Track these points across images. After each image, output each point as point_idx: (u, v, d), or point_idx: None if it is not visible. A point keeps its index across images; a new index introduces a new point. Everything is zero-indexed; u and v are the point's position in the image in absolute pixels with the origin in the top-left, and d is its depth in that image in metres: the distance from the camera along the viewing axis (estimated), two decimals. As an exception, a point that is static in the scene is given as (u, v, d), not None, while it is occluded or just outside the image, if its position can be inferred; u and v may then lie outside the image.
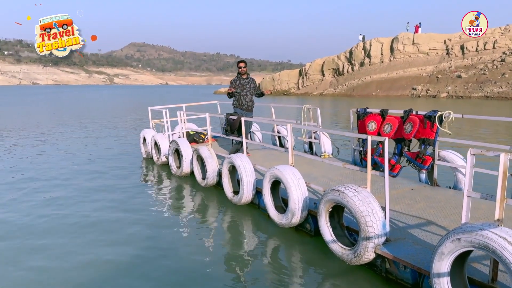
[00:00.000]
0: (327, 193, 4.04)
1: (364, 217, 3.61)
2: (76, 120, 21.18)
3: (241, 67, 7.49)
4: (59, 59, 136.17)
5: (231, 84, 7.45)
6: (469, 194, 3.10)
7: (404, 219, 4.28)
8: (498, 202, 2.88)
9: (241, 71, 7.47)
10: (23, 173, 8.41)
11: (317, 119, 7.31)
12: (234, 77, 7.56)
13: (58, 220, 5.59)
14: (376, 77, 49.10)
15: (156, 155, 8.89)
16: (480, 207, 4.43)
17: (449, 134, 5.14)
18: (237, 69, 7.57)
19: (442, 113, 5.17)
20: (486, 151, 3.03)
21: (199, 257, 4.44)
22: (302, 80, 56.64)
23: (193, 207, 6.38)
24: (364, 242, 3.63)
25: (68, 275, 4.00)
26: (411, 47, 47.01)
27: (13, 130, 16.24)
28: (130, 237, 4.99)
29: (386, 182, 3.71)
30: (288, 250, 4.71)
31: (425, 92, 42.50)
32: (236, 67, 7.62)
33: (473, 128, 15.65)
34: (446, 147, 5.85)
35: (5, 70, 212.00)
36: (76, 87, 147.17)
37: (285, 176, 4.69)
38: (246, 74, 7.51)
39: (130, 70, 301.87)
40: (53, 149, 11.51)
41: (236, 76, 7.56)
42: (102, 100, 47.45)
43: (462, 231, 2.82)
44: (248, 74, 7.56)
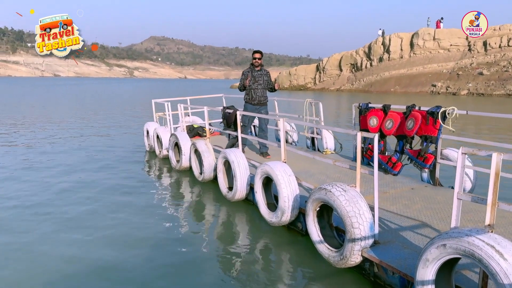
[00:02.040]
0: (314, 192, 3.84)
1: (350, 218, 3.41)
2: (92, 112, 21.36)
3: (256, 58, 6.82)
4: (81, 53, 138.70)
5: (242, 76, 6.92)
6: (459, 197, 2.87)
7: (397, 220, 4.05)
8: (489, 206, 2.65)
9: (255, 63, 6.82)
10: (31, 160, 8.45)
11: (319, 113, 7.08)
12: (246, 68, 7.00)
13: (47, 209, 5.55)
14: (395, 73, 48.17)
15: (158, 148, 8.81)
16: (482, 210, 4.16)
17: (452, 131, 4.87)
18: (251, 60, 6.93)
19: (446, 109, 4.90)
20: (478, 150, 2.78)
21: (186, 254, 4.32)
22: (319, 75, 56.00)
23: (187, 202, 6.25)
24: (350, 244, 3.43)
25: (57, 265, 3.93)
26: (432, 42, 45.87)
27: (31, 120, 16.45)
28: (117, 230, 4.89)
29: (375, 181, 3.49)
30: (277, 249, 4.54)
31: (445, 89, 41.49)
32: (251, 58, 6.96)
33: (492, 127, 15.11)
34: (449, 145, 5.55)
35: (28, 62, 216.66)
36: (97, 80, 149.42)
37: (275, 172, 4.51)
38: (260, 66, 6.89)
39: (149, 63, 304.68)
40: (67, 139, 11.58)
41: (248, 67, 6.95)
42: (121, 93, 47.92)
43: (447, 236, 2.59)
44: (262, 66, 6.95)
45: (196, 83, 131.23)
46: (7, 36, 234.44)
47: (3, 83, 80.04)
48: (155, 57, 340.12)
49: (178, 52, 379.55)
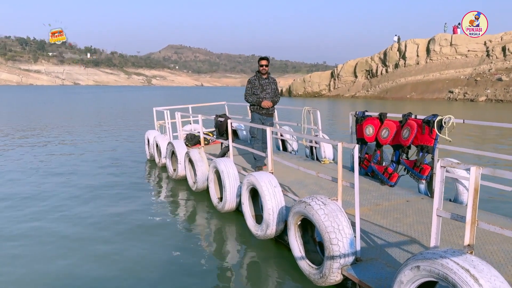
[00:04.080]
0: (295, 205, 3.66)
1: (329, 234, 3.21)
2: (105, 119, 21.56)
3: (263, 65, 6.32)
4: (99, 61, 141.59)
5: (249, 84, 6.41)
6: (438, 213, 2.66)
7: (385, 235, 3.83)
8: (468, 225, 2.44)
9: (262, 70, 6.33)
10: (37, 165, 8.47)
11: (317, 122, 6.89)
12: (252, 76, 6.51)
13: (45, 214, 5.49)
14: (411, 79, 47.45)
15: (157, 157, 8.73)
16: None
17: (449, 141, 4.63)
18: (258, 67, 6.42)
19: (442, 118, 4.66)
20: (456, 164, 2.58)
21: (167, 265, 4.18)
22: (333, 81, 55.59)
23: (178, 212, 6.12)
24: (328, 262, 3.23)
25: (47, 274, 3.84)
26: (449, 48, 45.05)
27: (53, 126, 16.68)
28: (103, 239, 4.79)
29: (356, 195, 3.30)
30: (263, 263, 4.35)
31: (462, 96, 40.62)
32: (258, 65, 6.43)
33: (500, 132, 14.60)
34: (448, 155, 5.29)
35: (49, 70, 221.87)
36: (115, 88, 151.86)
37: (260, 183, 4.34)
38: (267, 74, 6.43)
39: (167, 71, 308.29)
40: (79, 145, 11.66)
41: (255, 75, 6.47)
42: (140, 100, 48.45)
43: (422, 258, 2.39)
44: (269, 74, 6.50)
45: (212, 90, 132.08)
46: (29, 46, 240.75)
47: (24, 92, 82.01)
48: (173, 65, 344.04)
49: (195, 60, 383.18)
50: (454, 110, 30.90)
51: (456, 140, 12.91)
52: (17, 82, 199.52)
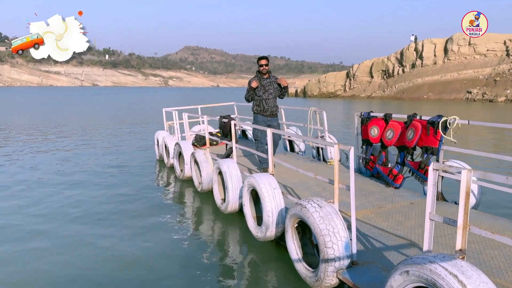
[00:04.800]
0: (292, 207, 3.63)
1: (324, 237, 3.17)
2: (120, 119, 21.86)
3: (262, 65, 6.14)
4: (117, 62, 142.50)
5: (249, 86, 6.26)
6: (431, 217, 2.60)
7: (384, 238, 3.76)
8: (460, 229, 2.38)
9: (262, 70, 6.16)
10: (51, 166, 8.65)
11: (323, 122, 6.83)
12: (253, 77, 6.35)
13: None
14: (428, 79, 46.82)
15: (166, 157, 8.79)
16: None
17: (454, 142, 4.53)
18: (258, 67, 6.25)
19: (447, 119, 4.57)
20: (449, 167, 2.52)
21: (166, 265, 4.20)
22: (349, 82, 55.21)
23: (182, 213, 6.13)
24: (323, 265, 3.19)
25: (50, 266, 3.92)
26: (467, 48, 44.28)
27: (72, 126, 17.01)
28: (104, 238, 4.84)
29: (351, 197, 3.25)
30: (262, 265, 4.32)
31: (481, 96, 39.83)
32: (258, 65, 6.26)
33: None
34: (453, 156, 5.18)
35: (69, 72, 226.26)
36: (133, 89, 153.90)
37: (259, 185, 4.32)
38: (268, 74, 6.25)
39: (183, 72, 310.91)
40: (95, 144, 11.86)
41: (255, 75, 6.30)
42: (157, 101, 48.96)
43: (411, 262, 2.33)
44: (270, 73, 6.29)
45: (227, 91, 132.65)
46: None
47: (45, 92, 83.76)
48: (189, 66, 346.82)
49: (211, 61, 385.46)
50: (473, 110, 30.30)
51: (472, 142, 12.69)
52: (38, 83, 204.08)
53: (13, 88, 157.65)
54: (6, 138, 14.10)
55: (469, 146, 12.16)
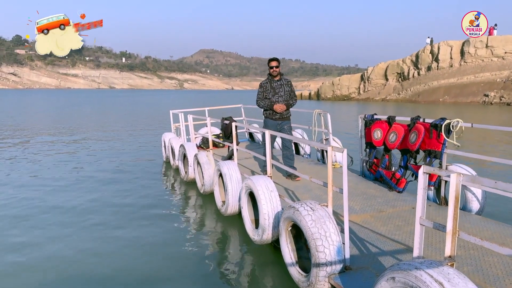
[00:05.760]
0: (285, 210, 3.58)
1: (315, 241, 3.11)
2: (132, 121, 22.07)
3: (272, 66, 5.95)
4: (133, 65, 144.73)
5: (260, 88, 6.08)
6: (421, 222, 2.51)
7: (380, 243, 3.67)
8: (449, 235, 2.29)
9: (272, 72, 5.96)
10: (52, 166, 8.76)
11: (327, 125, 6.75)
12: (264, 79, 6.20)
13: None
14: (444, 82, 46.03)
15: (172, 159, 8.81)
16: (483, 234, 3.70)
17: (457, 146, 4.41)
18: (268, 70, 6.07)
19: (450, 122, 4.45)
20: (438, 170, 2.43)
21: (163, 266, 4.18)
22: (363, 84, 54.68)
23: (184, 215, 6.11)
24: (315, 270, 3.12)
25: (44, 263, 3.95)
26: (484, 50, 43.33)
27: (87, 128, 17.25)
28: (104, 238, 4.86)
29: (344, 200, 3.18)
30: (258, 269, 4.28)
31: (498, 99, 38.99)
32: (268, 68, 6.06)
33: None
34: (457, 160, 5.05)
35: (86, 74, 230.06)
36: (149, 91, 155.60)
37: (256, 187, 4.27)
38: (279, 76, 6.05)
39: (198, 75, 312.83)
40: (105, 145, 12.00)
41: (266, 78, 6.16)
42: (173, 103, 49.35)
43: (398, 268, 2.26)
44: (281, 75, 6.10)
45: (241, 93, 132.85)
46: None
47: (62, 95, 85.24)
48: (204, 69, 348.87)
49: (226, 64, 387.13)
50: (490, 114, 29.69)
51: (487, 147, 12.42)
52: (56, 85, 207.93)
53: (32, 90, 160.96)
54: (25, 137, 14.35)
55: (485, 150, 11.90)
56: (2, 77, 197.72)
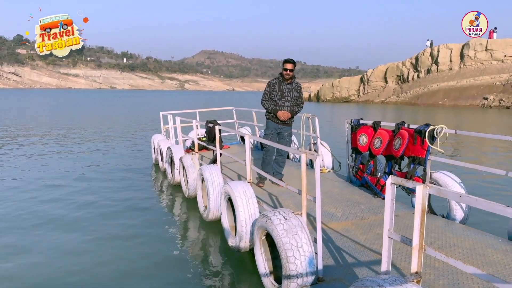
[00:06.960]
0: (259, 218, 3.47)
1: (286, 251, 3.00)
2: (136, 121, 21.99)
3: (287, 69, 5.49)
4: (135, 65, 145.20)
5: (268, 88, 5.62)
6: (389, 235, 2.41)
7: (357, 253, 3.56)
8: (415, 250, 2.19)
9: (285, 75, 5.52)
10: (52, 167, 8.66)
11: (315, 129, 6.65)
12: (273, 78, 5.72)
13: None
14: (443, 85, 46.00)
15: (161, 161, 8.71)
16: (464, 245, 3.59)
17: (441, 153, 4.31)
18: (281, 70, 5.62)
19: (434, 128, 4.35)
20: (406, 181, 2.33)
21: (139, 272, 4.07)
22: (363, 87, 54.66)
23: (164, 218, 5.99)
24: (285, 282, 3.02)
25: None
26: (484, 53, 43.32)
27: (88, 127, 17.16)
28: (82, 241, 4.76)
29: (317, 209, 3.07)
30: (235, 279, 4.15)
31: (497, 102, 38.92)
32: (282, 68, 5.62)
33: None
34: (441, 166, 4.95)
35: (87, 74, 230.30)
36: (150, 92, 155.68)
37: (234, 193, 4.16)
38: (291, 79, 5.63)
39: (199, 76, 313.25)
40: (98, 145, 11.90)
41: (276, 77, 5.67)
42: (174, 104, 49.32)
43: (360, 285, 2.15)
44: (293, 79, 5.67)
45: (241, 94, 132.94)
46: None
47: (62, 95, 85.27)
48: (205, 70, 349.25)
49: (227, 65, 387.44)
50: (489, 117, 29.57)
51: (484, 154, 12.30)
52: (57, 85, 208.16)
53: (32, 90, 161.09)
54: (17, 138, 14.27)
55: (486, 157, 11.80)
56: (3, 77, 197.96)
